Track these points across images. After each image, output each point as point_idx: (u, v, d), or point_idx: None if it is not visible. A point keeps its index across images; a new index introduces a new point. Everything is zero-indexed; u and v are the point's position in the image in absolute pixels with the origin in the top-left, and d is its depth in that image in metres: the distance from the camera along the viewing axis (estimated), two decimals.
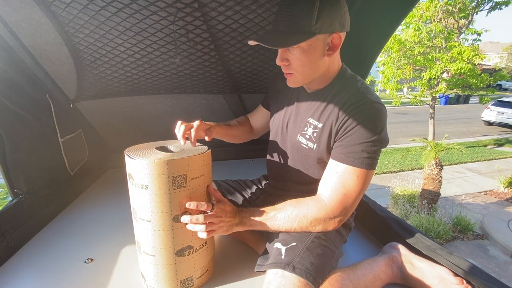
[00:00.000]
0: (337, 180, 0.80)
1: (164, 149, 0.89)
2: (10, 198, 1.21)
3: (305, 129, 0.90)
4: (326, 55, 0.80)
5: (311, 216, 0.81)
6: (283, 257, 0.78)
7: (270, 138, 1.07)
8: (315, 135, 0.87)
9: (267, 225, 0.83)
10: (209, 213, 0.80)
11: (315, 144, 0.87)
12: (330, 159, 0.84)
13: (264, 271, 0.81)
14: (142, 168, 0.74)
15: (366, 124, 0.78)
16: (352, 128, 0.79)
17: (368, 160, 0.78)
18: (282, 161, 1.01)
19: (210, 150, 0.87)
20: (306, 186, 0.96)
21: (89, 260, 1.04)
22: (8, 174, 1.16)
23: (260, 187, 1.17)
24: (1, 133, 1.11)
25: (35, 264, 1.03)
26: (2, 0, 0.99)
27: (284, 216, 0.82)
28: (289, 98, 0.99)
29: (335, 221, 0.82)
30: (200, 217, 0.78)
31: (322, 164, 0.89)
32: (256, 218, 0.84)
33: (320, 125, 0.86)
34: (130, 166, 0.78)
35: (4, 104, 1.12)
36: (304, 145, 0.90)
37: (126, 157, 0.79)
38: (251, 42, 0.79)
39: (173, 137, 0.93)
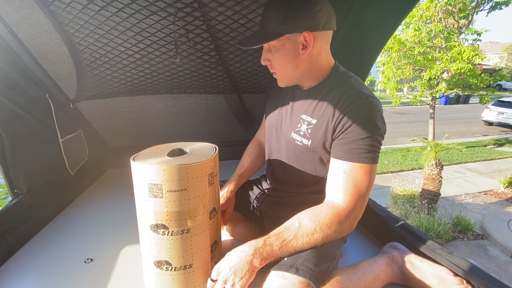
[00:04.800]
0: (346, 180, 0.79)
1: (174, 152, 0.83)
2: (10, 198, 1.21)
3: (299, 126, 0.90)
4: (302, 53, 0.82)
5: (335, 225, 0.76)
6: (285, 258, 0.78)
7: (266, 137, 1.07)
8: (309, 131, 0.87)
9: (289, 249, 0.75)
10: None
11: (310, 141, 0.87)
12: (333, 159, 0.83)
13: (265, 272, 0.81)
14: (180, 173, 0.67)
15: (364, 119, 0.78)
16: (351, 125, 0.79)
17: (372, 155, 0.79)
18: (278, 160, 1.01)
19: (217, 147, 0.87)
20: (304, 187, 0.96)
21: (89, 260, 1.04)
22: (8, 174, 1.16)
23: (260, 188, 1.17)
24: (1, 133, 1.11)
25: (35, 264, 1.03)
26: (2, 1, 0.99)
27: (306, 233, 0.75)
28: (284, 98, 1.00)
29: (354, 220, 0.80)
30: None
31: (318, 161, 0.89)
32: (275, 247, 0.74)
33: (314, 121, 0.86)
34: (159, 175, 0.67)
35: (4, 104, 1.12)
36: (298, 142, 0.91)
37: (153, 167, 0.67)
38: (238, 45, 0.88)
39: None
